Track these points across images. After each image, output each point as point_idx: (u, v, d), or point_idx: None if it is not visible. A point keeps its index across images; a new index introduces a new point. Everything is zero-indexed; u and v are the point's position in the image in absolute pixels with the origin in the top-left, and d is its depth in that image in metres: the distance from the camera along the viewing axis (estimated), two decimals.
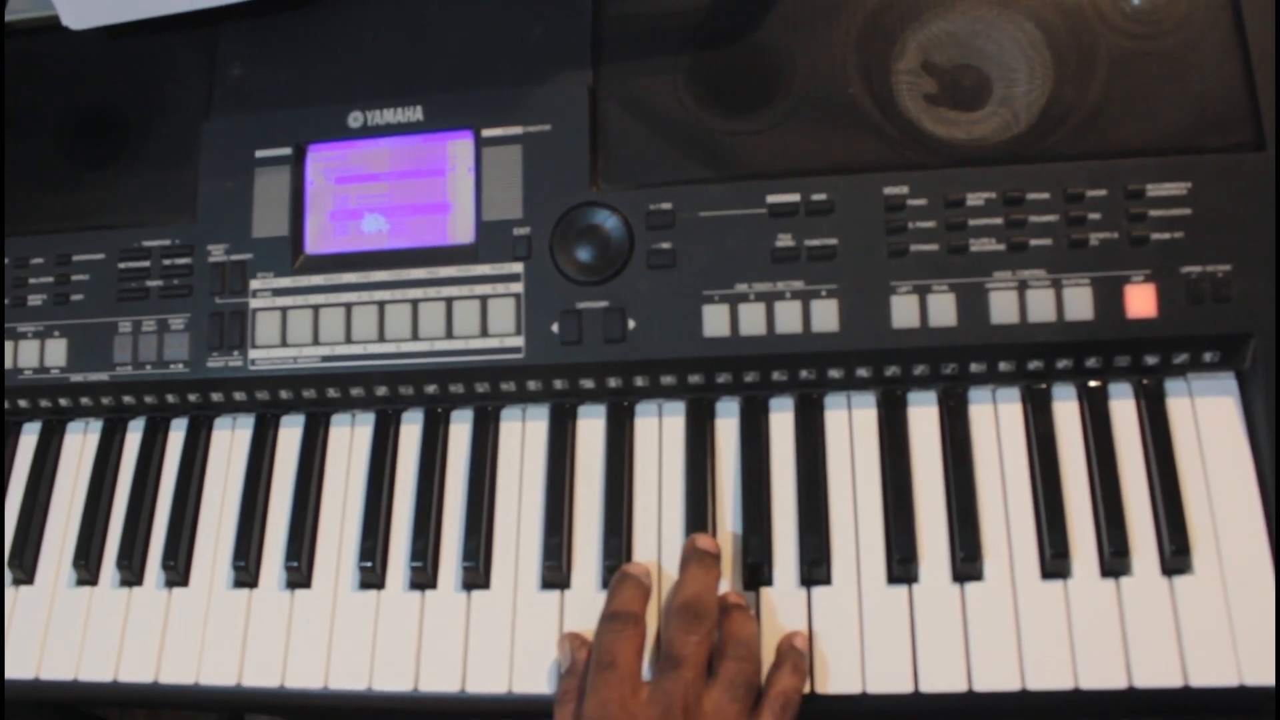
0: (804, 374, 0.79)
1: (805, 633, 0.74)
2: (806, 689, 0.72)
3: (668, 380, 0.81)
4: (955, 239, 0.77)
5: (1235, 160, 0.76)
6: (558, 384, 0.82)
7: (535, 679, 0.76)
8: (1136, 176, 0.76)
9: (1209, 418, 0.76)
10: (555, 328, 0.80)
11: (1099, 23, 0.80)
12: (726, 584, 0.77)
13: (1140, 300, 0.75)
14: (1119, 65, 0.79)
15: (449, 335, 0.82)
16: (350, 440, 0.86)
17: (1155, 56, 0.79)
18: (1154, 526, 0.74)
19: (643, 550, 0.79)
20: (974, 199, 0.77)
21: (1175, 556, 0.72)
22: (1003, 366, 0.78)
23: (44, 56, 0.94)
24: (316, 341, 0.83)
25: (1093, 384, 0.78)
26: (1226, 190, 0.76)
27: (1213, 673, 0.70)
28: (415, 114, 0.85)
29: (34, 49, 0.94)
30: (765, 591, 0.76)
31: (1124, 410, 0.77)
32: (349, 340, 0.83)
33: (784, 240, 0.79)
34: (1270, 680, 0.69)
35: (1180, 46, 0.79)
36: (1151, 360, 0.76)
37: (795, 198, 0.79)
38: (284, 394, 0.85)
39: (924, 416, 0.79)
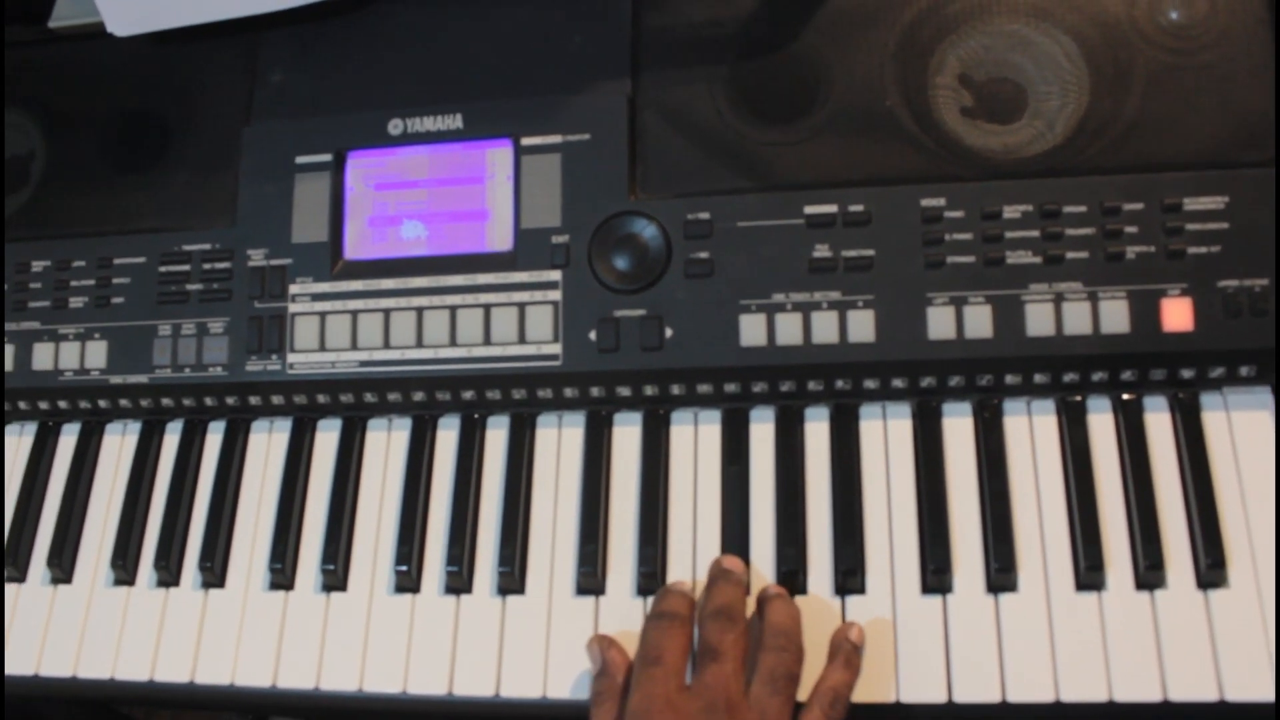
0: (840, 384, 0.80)
1: (860, 626, 0.74)
2: None
3: (704, 389, 0.81)
4: (992, 251, 0.77)
5: (1273, 175, 0.76)
6: (594, 391, 0.82)
7: (569, 685, 0.77)
8: (1173, 190, 0.76)
9: (1244, 431, 0.76)
10: (593, 335, 0.81)
11: (1136, 37, 0.80)
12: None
13: (1177, 313, 0.75)
14: (1156, 79, 0.79)
15: (487, 342, 0.82)
16: (386, 445, 0.87)
17: (1192, 70, 0.79)
18: (1189, 539, 0.74)
19: (678, 557, 0.79)
20: (1010, 211, 0.78)
21: (1210, 570, 0.72)
22: (1038, 378, 0.78)
23: (89, 62, 0.95)
24: (354, 346, 0.84)
25: (1128, 397, 0.78)
26: (1264, 204, 0.76)
27: (1248, 687, 0.70)
28: (455, 122, 0.86)
29: (79, 55, 0.95)
30: (800, 600, 0.76)
31: (1159, 423, 0.77)
32: (387, 345, 0.84)
33: (821, 251, 0.79)
34: None
35: (1218, 61, 0.79)
36: (1187, 374, 0.77)
37: (833, 209, 0.79)
38: (321, 398, 0.86)
39: (959, 428, 0.79)
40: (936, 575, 0.75)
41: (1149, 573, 0.73)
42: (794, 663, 0.71)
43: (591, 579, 0.79)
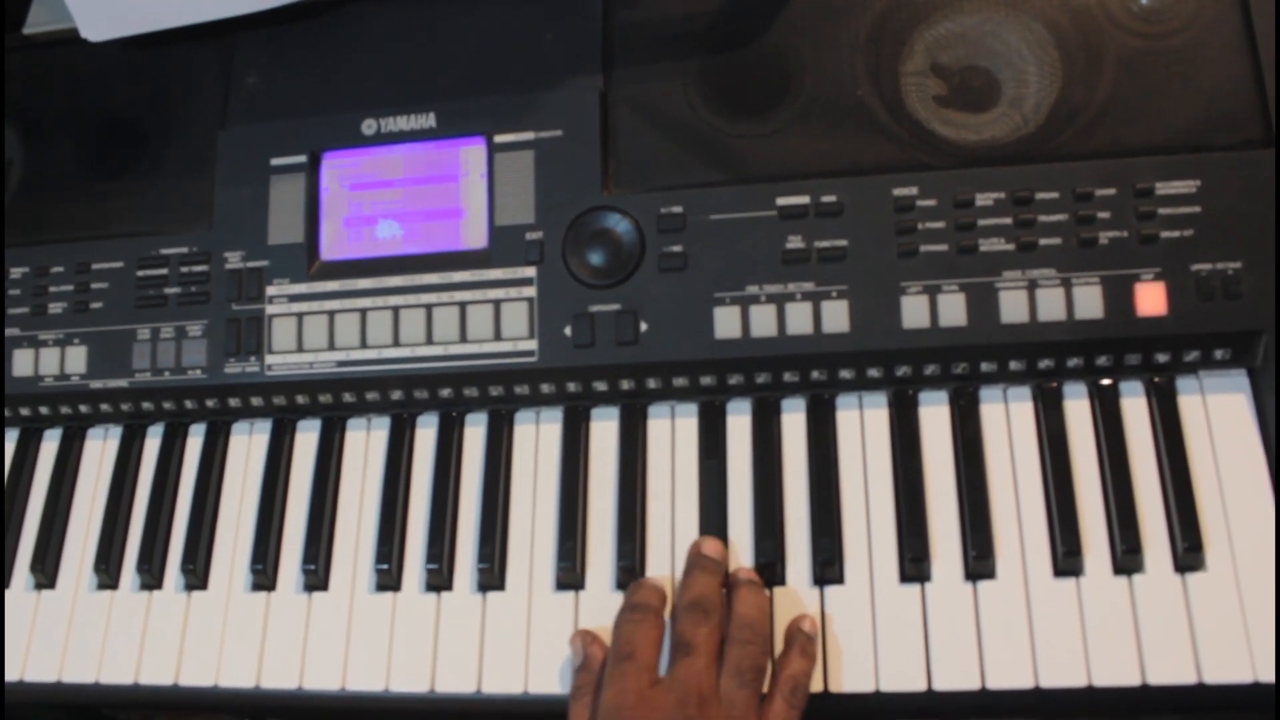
0: (815, 375, 0.80)
1: (814, 616, 0.75)
2: (820, 687, 0.73)
3: (680, 382, 0.81)
4: (965, 239, 0.77)
5: (1244, 158, 0.76)
6: (571, 387, 0.82)
7: (551, 680, 0.77)
8: (1146, 175, 0.76)
9: (1220, 415, 0.76)
10: (568, 331, 0.81)
11: (1107, 22, 0.80)
12: None
13: (1150, 298, 0.75)
14: (1127, 64, 0.79)
15: (463, 339, 0.82)
16: (366, 444, 0.87)
17: (1164, 55, 0.79)
18: (1166, 524, 0.74)
19: (656, 551, 0.79)
20: (983, 199, 0.78)
21: (1188, 554, 0.72)
22: (1013, 365, 0.78)
23: (63, 68, 0.95)
24: (332, 347, 0.84)
25: (1104, 382, 0.78)
26: (1236, 188, 0.76)
27: (1226, 670, 0.70)
28: (428, 121, 0.86)
29: (53, 60, 0.96)
30: (778, 591, 0.76)
31: (1135, 408, 0.78)
32: (364, 345, 0.84)
33: (794, 242, 0.79)
34: None
35: (1189, 44, 0.79)
36: (1162, 358, 0.77)
37: (805, 200, 0.79)
38: (300, 399, 0.86)
39: (935, 416, 0.79)
40: (914, 564, 0.75)
41: (1126, 557, 0.73)
42: (760, 655, 0.72)
43: (571, 574, 0.79)
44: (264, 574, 0.84)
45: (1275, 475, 0.74)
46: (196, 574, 0.85)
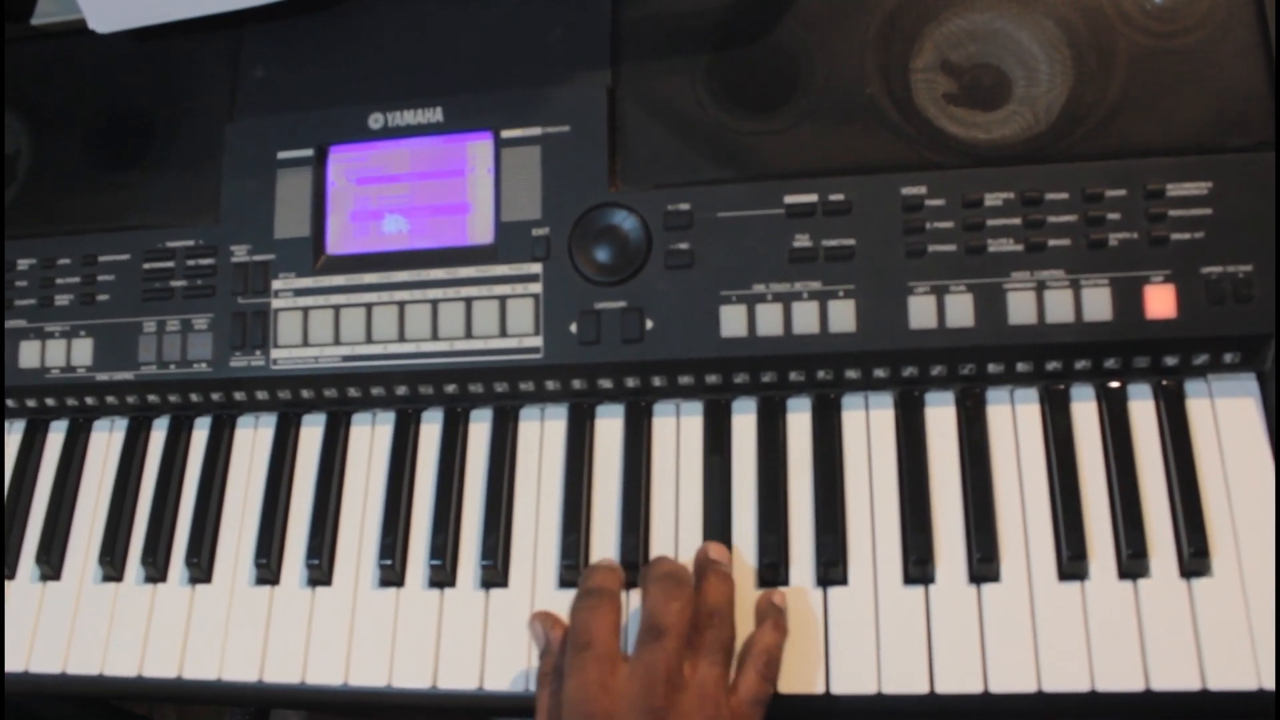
0: (821, 374, 0.79)
1: (783, 591, 0.75)
2: (822, 689, 0.73)
3: (685, 380, 0.81)
4: (973, 239, 0.77)
5: (1256, 159, 0.75)
6: (576, 384, 0.82)
7: None
8: (1156, 176, 0.76)
9: (1229, 419, 0.76)
10: (573, 328, 0.81)
11: (1119, 20, 0.79)
12: (745, 584, 0.77)
13: (1160, 301, 0.75)
14: (1139, 64, 0.78)
15: (468, 335, 0.82)
16: (371, 439, 0.87)
17: (1176, 55, 0.78)
18: (1173, 528, 0.74)
19: (660, 549, 0.79)
20: (992, 199, 0.77)
21: (1194, 559, 0.72)
22: (1021, 367, 0.77)
23: (70, 59, 0.95)
24: (338, 341, 0.84)
25: (1112, 385, 0.78)
26: (1247, 190, 0.75)
27: (1231, 676, 0.69)
28: (435, 115, 0.86)
29: (60, 52, 0.96)
30: (782, 591, 0.76)
31: (1143, 411, 0.77)
32: (370, 340, 0.84)
33: (801, 240, 0.79)
34: None
35: (1201, 44, 0.78)
36: (1171, 361, 0.76)
37: (813, 198, 0.79)
38: (305, 393, 0.86)
39: (941, 417, 0.79)
40: (919, 565, 0.75)
41: (1132, 561, 0.73)
42: (729, 639, 0.72)
43: (574, 572, 0.79)
44: (268, 568, 0.84)
45: None
46: (201, 567, 0.85)
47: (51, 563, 0.88)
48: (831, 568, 0.76)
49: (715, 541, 0.77)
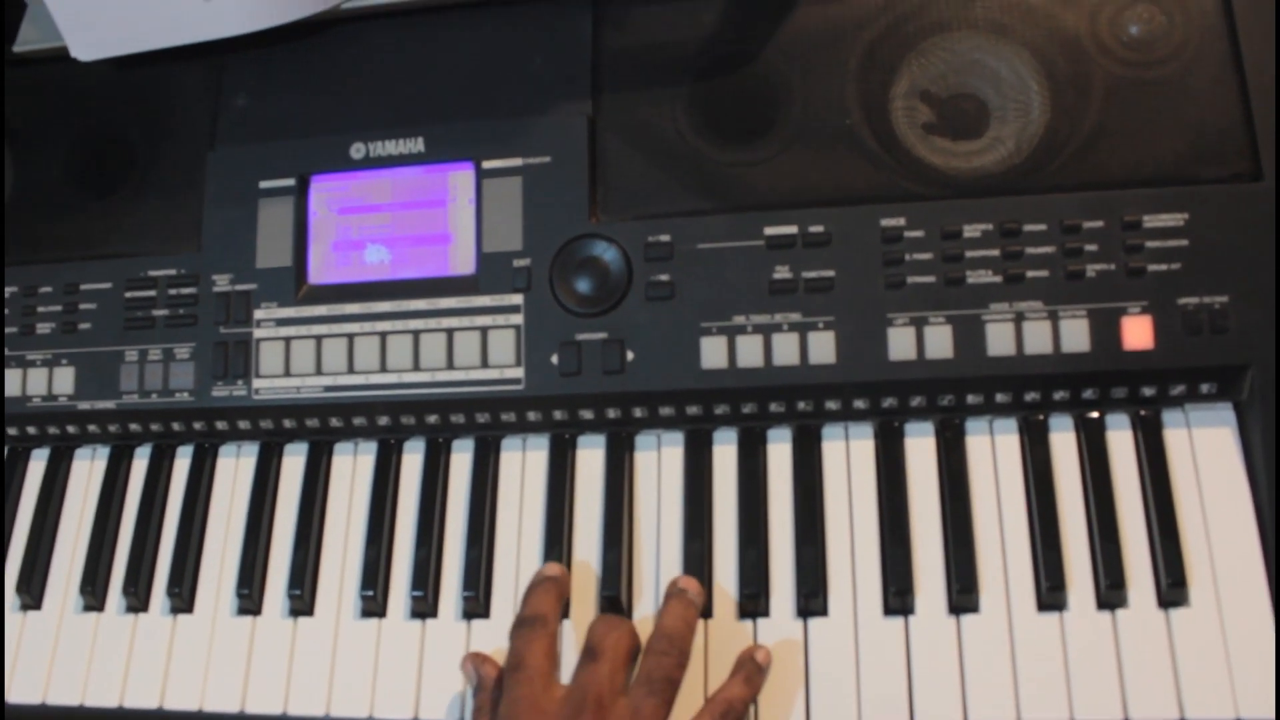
0: (801, 405, 0.80)
1: (768, 649, 0.74)
2: None
3: (666, 411, 0.81)
4: (952, 271, 0.77)
5: (1232, 191, 0.76)
6: (557, 415, 0.82)
7: None
8: (1133, 207, 0.76)
9: (1206, 449, 0.76)
10: (555, 359, 0.81)
11: (1096, 52, 0.80)
12: (725, 615, 0.77)
13: (1137, 332, 0.75)
14: (1115, 94, 0.79)
15: (450, 366, 0.82)
16: (353, 469, 0.87)
17: (1152, 86, 0.79)
18: (1150, 559, 0.74)
19: (641, 579, 0.79)
20: (971, 230, 0.78)
21: (1172, 589, 0.72)
22: (999, 398, 0.78)
23: (52, 87, 0.95)
24: (319, 371, 0.84)
25: (1090, 415, 0.78)
26: (1224, 221, 0.76)
27: (1209, 706, 0.70)
28: (417, 145, 0.86)
29: (43, 79, 0.95)
30: (762, 623, 0.76)
31: (1121, 441, 0.77)
32: (351, 370, 0.84)
33: (781, 272, 0.79)
34: (1269, 714, 0.69)
35: (1177, 76, 0.79)
36: (1149, 391, 0.76)
37: (793, 229, 0.79)
38: (287, 423, 0.86)
39: (921, 448, 0.79)
40: (898, 597, 0.75)
41: (1110, 592, 0.73)
42: (674, 667, 0.72)
43: None
44: (250, 598, 0.84)
45: (1260, 510, 0.74)
46: (182, 597, 0.85)
47: (32, 592, 0.87)
48: (812, 599, 0.76)
49: (688, 577, 0.77)
